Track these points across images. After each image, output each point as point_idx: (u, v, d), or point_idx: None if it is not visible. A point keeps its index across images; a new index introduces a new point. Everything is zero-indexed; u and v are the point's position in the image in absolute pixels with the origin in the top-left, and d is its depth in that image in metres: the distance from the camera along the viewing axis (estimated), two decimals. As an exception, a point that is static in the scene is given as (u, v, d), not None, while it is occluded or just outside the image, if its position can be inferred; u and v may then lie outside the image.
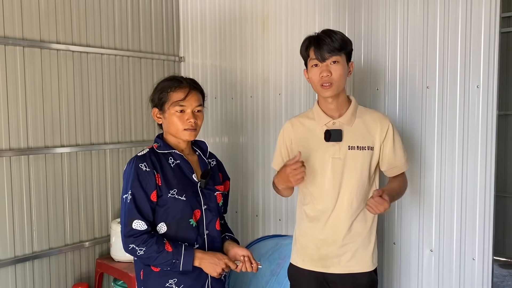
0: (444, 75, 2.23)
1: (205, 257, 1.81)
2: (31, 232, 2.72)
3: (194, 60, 3.45)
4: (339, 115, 1.99)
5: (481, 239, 2.16)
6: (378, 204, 1.78)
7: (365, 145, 1.96)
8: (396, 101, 2.40)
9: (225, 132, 3.28)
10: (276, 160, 2.15)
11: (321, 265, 2.01)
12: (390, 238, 2.46)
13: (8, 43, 2.58)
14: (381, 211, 1.82)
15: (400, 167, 2.01)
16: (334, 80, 1.90)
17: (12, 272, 2.65)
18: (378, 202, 1.78)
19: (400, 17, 2.36)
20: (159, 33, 3.38)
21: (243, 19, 3.09)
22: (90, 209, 3.01)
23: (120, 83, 3.15)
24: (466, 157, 2.19)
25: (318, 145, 1.98)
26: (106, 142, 3.08)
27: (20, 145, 2.66)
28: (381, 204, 1.78)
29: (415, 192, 2.35)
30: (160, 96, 1.88)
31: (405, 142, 2.31)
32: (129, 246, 1.77)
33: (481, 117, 2.13)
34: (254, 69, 3.05)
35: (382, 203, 1.78)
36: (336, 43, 1.88)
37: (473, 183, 2.17)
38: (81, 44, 2.92)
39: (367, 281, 2.00)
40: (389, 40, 2.41)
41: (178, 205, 1.82)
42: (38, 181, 2.74)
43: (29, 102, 2.69)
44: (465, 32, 2.15)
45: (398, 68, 2.38)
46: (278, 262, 2.74)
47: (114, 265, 2.90)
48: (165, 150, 1.88)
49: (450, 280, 2.26)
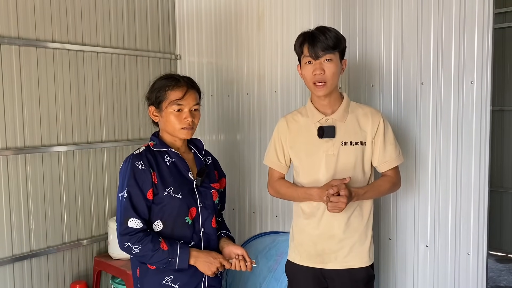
0: (439, 71, 2.24)
1: (200, 255, 1.82)
2: (28, 230, 2.73)
3: (190, 58, 3.46)
4: (331, 111, 2.00)
5: (475, 234, 2.18)
6: (334, 202, 1.82)
7: (357, 140, 1.97)
8: (391, 97, 2.41)
9: (221, 130, 3.29)
10: (269, 158, 2.14)
11: (319, 261, 2.02)
12: (385, 234, 2.47)
13: (4, 42, 2.58)
14: (336, 211, 1.84)
15: (390, 162, 2.01)
16: (327, 78, 1.90)
17: (10, 270, 2.65)
18: (333, 200, 1.81)
19: (395, 14, 2.37)
20: (155, 31, 3.38)
21: (239, 16, 3.09)
22: (87, 207, 3.02)
23: (116, 81, 3.15)
24: (461, 152, 2.20)
25: (311, 142, 1.99)
26: (102, 140, 3.08)
27: (17, 144, 2.66)
28: (335, 203, 1.81)
29: (410, 188, 2.36)
30: (157, 95, 1.88)
31: (399, 138, 2.32)
32: (124, 244, 1.78)
33: (475, 113, 2.14)
34: (250, 66, 3.06)
35: (336, 201, 1.81)
36: (330, 41, 1.89)
37: (468, 178, 2.18)
38: (77, 42, 2.92)
39: (364, 276, 2.01)
40: (383, 36, 2.41)
41: (174, 203, 1.83)
42: (35, 180, 2.74)
43: (26, 101, 2.69)
44: (459, 28, 2.16)
45: (392, 65, 2.39)
46: (275, 259, 2.76)
47: (112, 262, 2.91)
48: (161, 148, 1.89)
49: (445, 275, 2.28)
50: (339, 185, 1.83)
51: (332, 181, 1.89)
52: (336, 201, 1.81)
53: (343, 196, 1.81)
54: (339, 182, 1.86)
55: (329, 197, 1.83)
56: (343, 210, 1.85)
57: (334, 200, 1.82)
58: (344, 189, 1.82)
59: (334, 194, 1.82)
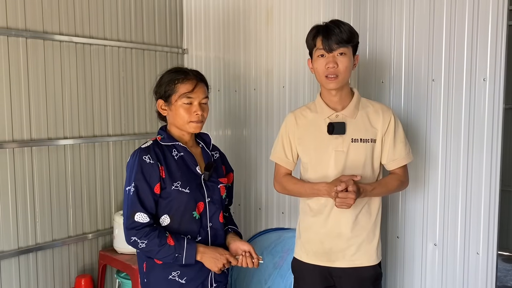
0: (450, 68, 2.20)
1: (207, 251, 1.81)
2: (34, 223, 2.72)
3: (197, 52, 3.43)
4: (342, 107, 1.97)
5: (485, 233, 2.15)
6: (342, 198, 1.79)
7: (368, 137, 1.94)
8: (401, 94, 2.38)
9: (228, 125, 3.27)
10: (277, 153, 2.11)
11: (326, 259, 2.00)
12: (393, 232, 2.45)
13: (11, 34, 2.57)
14: (344, 207, 1.82)
15: (399, 160, 1.98)
16: (340, 72, 1.87)
17: (15, 263, 2.65)
18: (341, 197, 1.79)
19: (406, 9, 2.33)
20: (162, 25, 3.36)
21: (247, 11, 3.06)
22: (93, 201, 3.01)
23: (123, 75, 3.14)
24: (472, 150, 2.16)
25: (321, 138, 1.96)
26: (109, 134, 3.07)
27: (23, 137, 2.66)
28: (343, 199, 1.78)
29: (419, 186, 2.33)
30: (166, 88, 1.86)
31: (410, 135, 2.29)
32: (131, 239, 1.77)
33: (487, 111, 2.11)
34: (257, 61, 3.03)
35: (345, 197, 1.78)
36: (345, 35, 1.86)
37: (478, 177, 2.15)
38: (84, 35, 2.90)
39: (372, 274, 1.99)
40: (394, 32, 2.38)
41: (182, 198, 1.81)
42: (41, 173, 2.74)
43: (32, 93, 2.68)
44: (472, 24, 2.12)
45: (403, 61, 2.36)
46: (281, 255, 2.74)
47: (117, 257, 2.90)
48: (168, 142, 1.87)
49: (454, 274, 2.25)
50: (347, 180, 1.81)
51: (341, 177, 1.87)
52: (344, 197, 1.79)
53: (352, 192, 1.78)
54: (348, 178, 1.83)
55: (338, 193, 1.81)
56: (351, 207, 1.83)
57: (343, 196, 1.79)
58: (352, 185, 1.79)
59: (343, 190, 1.80)
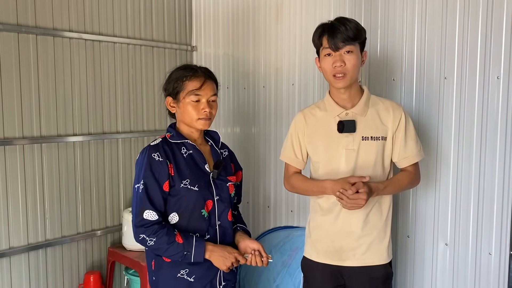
0: (463, 65, 2.17)
1: (216, 250, 1.80)
2: (44, 220, 2.74)
3: (206, 50, 3.42)
4: (351, 105, 1.95)
5: (498, 233, 2.12)
6: (353, 200, 1.77)
7: (378, 135, 1.92)
8: (413, 92, 2.35)
9: (237, 123, 3.26)
10: (286, 153, 2.09)
11: (336, 258, 1.98)
12: (404, 231, 2.42)
13: (21, 31, 2.57)
14: (355, 208, 1.80)
15: (410, 158, 1.96)
16: (347, 70, 1.85)
17: (25, 259, 2.66)
18: (352, 198, 1.77)
19: (418, 5, 2.29)
20: (171, 22, 3.36)
21: (257, 7, 3.05)
22: (102, 198, 3.02)
23: (133, 72, 3.14)
24: (484, 149, 2.13)
25: (331, 137, 1.95)
26: (118, 131, 3.07)
27: (33, 133, 2.66)
28: (355, 200, 1.77)
29: (430, 185, 2.30)
30: (174, 85, 1.86)
31: (421, 134, 2.26)
32: (139, 236, 1.76)
33: (501, 109, 2.07)
34: (267, 58, 3.01)
35: (356, 199, 1.76)
36: (351, 32, 1.83)
37: (491, 175, 2.12)
38: (93, 32, 2.91)
39: (382, 273, 1.97)
40: (406, 29, 2.34)
41: (191, 196, 1.81)
42: (50, 169, 2.75)
43: (42, 90, 2.68)
44: (486, 21, 2.08)
45: (415, 58, 2.33)
46: (290, 254, 2.73)
47: (125, 254, 2.91)
48: (177, 140, 1.87)
49: (465, 275, 2.22)
50: (357, 184, 1.79)
51: (349, 178, 1.84)
52: (355, 198, 1.77)
53: (363, 193, 1.77)
54: (357, 180, 1.81)
55: (343, 193, 1.79)
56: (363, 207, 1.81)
57: (354, 197, 1.77)
58: (362, 187, 1.77)
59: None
